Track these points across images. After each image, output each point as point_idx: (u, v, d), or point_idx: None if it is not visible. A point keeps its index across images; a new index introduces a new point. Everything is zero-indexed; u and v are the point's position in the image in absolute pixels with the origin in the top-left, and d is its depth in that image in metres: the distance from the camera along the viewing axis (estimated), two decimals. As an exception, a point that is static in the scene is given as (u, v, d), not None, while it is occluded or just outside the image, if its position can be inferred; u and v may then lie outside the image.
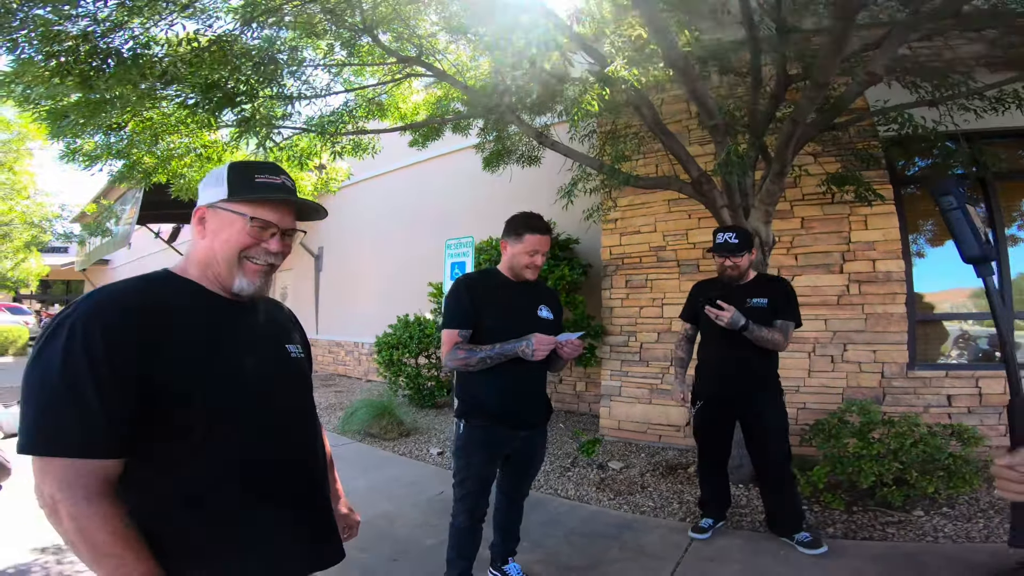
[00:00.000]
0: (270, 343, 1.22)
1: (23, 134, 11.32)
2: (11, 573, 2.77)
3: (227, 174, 1.13)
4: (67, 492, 0.90)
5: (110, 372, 0.93)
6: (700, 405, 3.18)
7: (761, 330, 2.87)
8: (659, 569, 2.79)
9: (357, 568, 2.74)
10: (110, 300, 1.00)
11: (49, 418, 0.92)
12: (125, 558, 0.92)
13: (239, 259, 1.12)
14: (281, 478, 1.15)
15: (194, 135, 4.89)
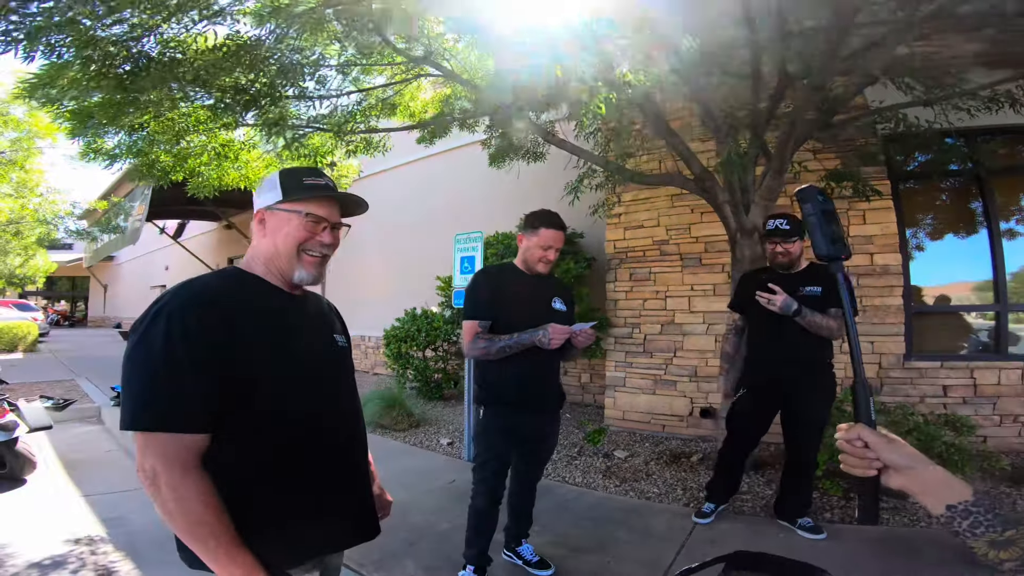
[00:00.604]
0: (322, 332, 1.37)
1: (33, 132, 11.42)
2: (48, 564, 2.86)
3: (280, 179, 1.27)
4: (167, 465, 1.02)
5: (203, 355, 1.06)
6: (743, 393, 3.14)
7: (815, 315, 2.81)
8: (664, 550, 2.91)
9: (377, 552, 2.86)
10: (200, 293, 1.14)
11: (151, 397, 1.05)
12: (215, 526, 1.04)
13: (298, 252, 1.25)
14: (332, 454, 1.29)
15: (212, 135, 5.03)
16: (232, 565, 1.05)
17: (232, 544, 1.05)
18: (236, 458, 1.12)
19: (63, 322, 30.37)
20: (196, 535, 1.04)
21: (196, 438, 1.06)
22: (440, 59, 4.86)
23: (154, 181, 5.37)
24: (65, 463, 4.70)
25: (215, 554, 1.05)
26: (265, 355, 1.16)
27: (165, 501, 1.03)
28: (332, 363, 1.36)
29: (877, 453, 0.84)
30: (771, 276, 3.05)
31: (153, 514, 3.05)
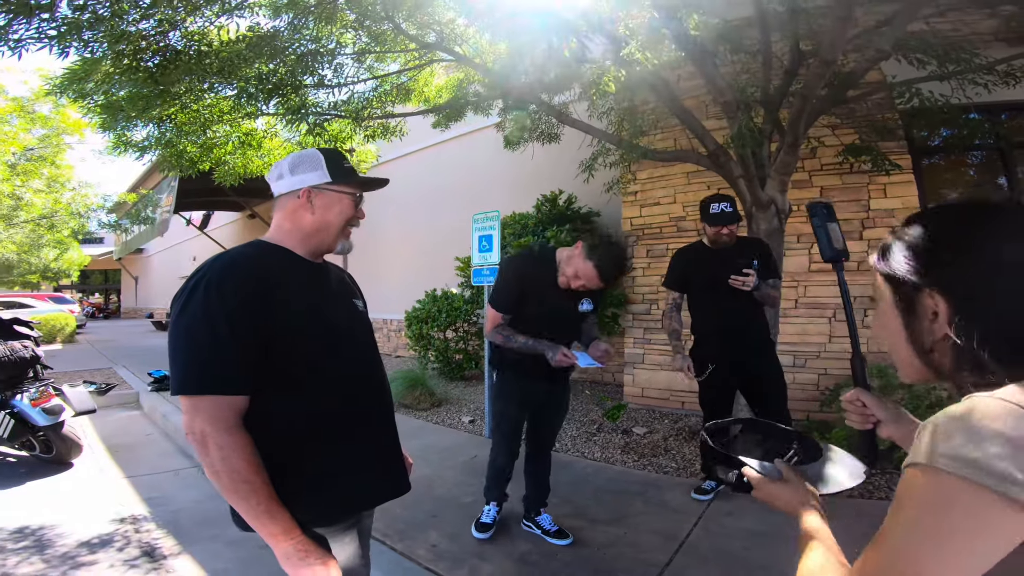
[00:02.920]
0: (344, 298, 1.48)
1: (60, 128, 11.71)
2: (96, 542, 3.02)
3: (325, 162, 1.38)
4: (214, 425, 1.13)
5: (241, 321, 1.16)
6: (712, 368, 3.19)
7: (766, 288, 3.01)
8: (682, 521, 2.99)
9: (401, 523, 3.00)
10: (236, 263, 1.25)
11: (197, 363, 1.15)
12: (256, 484, 1.14)
13: (345, 227, 1.42)
14: (363, 412, 1.40)
15: (235, 124, 5.20)
16: (272, 523, 1.15)
17: (271, 502, 1.16)
18: (272, 419, 1.22)
19: (98, 314, 31.30)
20: (239, 492, 1.14)
21: (238, 399, 1.16)
22: (452, 44, 4.90)
23: (182, 171, 5.54)
24: (108, 446, 4.92)
25: (256, 511, 1.15)
26: (297, 319, 1.26)
27: (212, 460, 1.13)
28: (354, 326, 1.47)
29: (872, 410, 1.08)
30: (705, 252, 3.23)
31: (193, 493, 3.27)
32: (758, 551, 2.64)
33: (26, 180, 12.14)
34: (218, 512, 3.39)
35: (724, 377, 3.21)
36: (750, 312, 3.14)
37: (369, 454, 1.40)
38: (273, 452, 1.20)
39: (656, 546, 2.73)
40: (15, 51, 2.76)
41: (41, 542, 2.97)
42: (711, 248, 3.20)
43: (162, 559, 2.85)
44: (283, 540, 1.17)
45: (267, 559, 1.47)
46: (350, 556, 1.37)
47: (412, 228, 10.28)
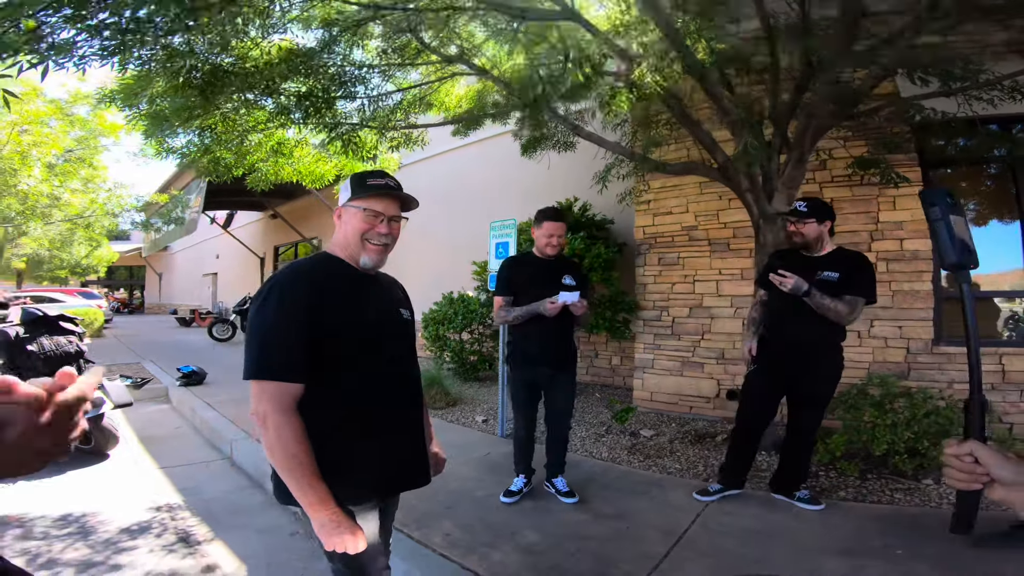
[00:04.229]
0: (390, 306, 1.70)
1: (96, 131, 12.12)
2: (135, 529, 3.23)
3: (351, 182, 1.60)
4: (275, 408, 1.36)
5: (304, 319, 1.40)
6: (755, 368, 3.25)
7: (824, 299, 2.89)
8: (681, 518, 3.14)
9: (418, 513, 3.19)
10: (301, 271, 1.50)
11: (267, 353, 1.39)
12: (303, 460, 1.37)
13: (361, 241, 1.56)
14: (396, 409, 1.63)
15: (269, 133, 5.53)
16: (312, 493, 1.38)
17: (314, 476, 1.38)
18: (318, 407, 1.44)
19: (123, 309, 32.01)
20: (289, 467, 1.37)
21: (295, 387, 1.40)
22: (471, 56, 5.11)
23: (218, 176, 5.89)
24: (141, 438, 5.17)
25: (300, 483, 1.37)
26: (345, 320, 1.49)
27: (270, 438, 1.36)
28: (397, 332, 1.69)
29: (988, 468, 0.85)
30: (794, 257, 3.14)
31: (223, 485, 3.59)
32: (753, 548, 2.79)
33: (64, 181, 12.57)
34: (247, 502, 3.64)
35: (768, 383, 3.23)
36: (817, 327, 3.01)
37: (397, 447, 1.63)
38: (317, 436, 1.42)
39: (655, 540, 2.88)
40: (79, 66, 2.98)
41: (84, 529, 3.15)
42: (801, 254, 3.15)
43: (197, 544, 3.05)
44: (320, 510, 1.39)
45: (293, 546, 1.70)
46: (372, 533, 1.60)
47: (431, 231, 10.47)
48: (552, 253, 3.24)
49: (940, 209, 1.04)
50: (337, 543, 1.41)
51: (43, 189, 12.04)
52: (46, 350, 4.41)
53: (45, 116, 11.13)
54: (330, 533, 1.40)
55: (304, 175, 6.72)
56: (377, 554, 1.63)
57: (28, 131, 10.75)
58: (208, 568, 2.80)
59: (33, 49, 2.79)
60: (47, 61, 2.85)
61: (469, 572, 2.58)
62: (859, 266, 3.04)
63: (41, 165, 11.63)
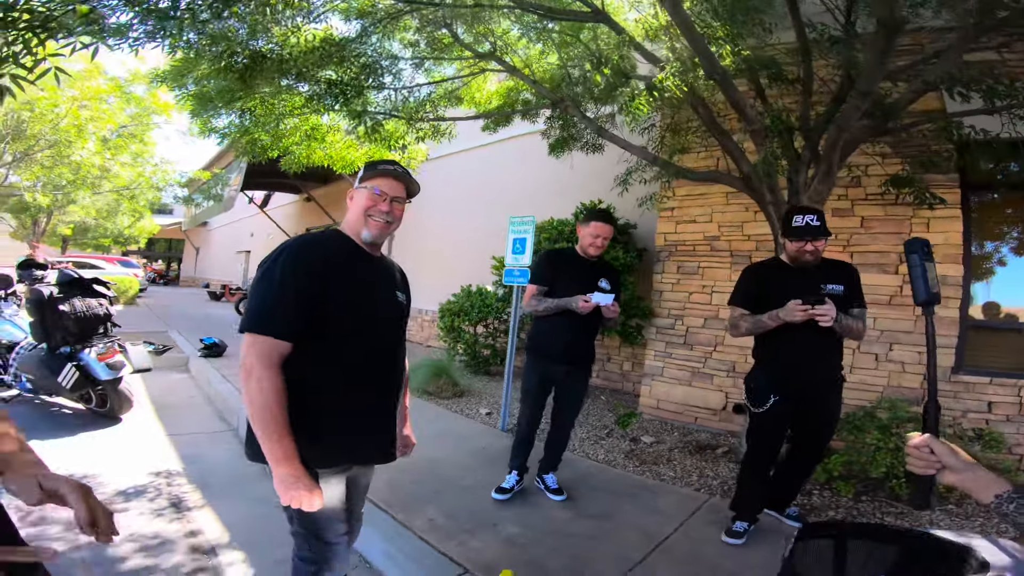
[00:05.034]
0: (386, 287, 1.79)
1: (150, 109, 12.64)
2: (131, 492, 3.32)
3: (363, 167, 1.75)
4: (260, 361, 1.46)
5: (304, 285, 1.51)
6: (776, 400, 2.86)
7: (848, 320, 2.70)
8: (666, 524, 3.13)
9: (405, 496, 3.26)
10: (309, 241, 1.63)
11: (264, 310, 1.50)
12: (277, 415, 1.45)
13: (364, 216, 1.68)
14: (375, 386, 1.71)
15: (303, 119, 5.81)
16: (279, 447, 1.46)
17: (284, 432, 1.46)
18: (303, 370, 1.53)
19: (159, 280, 33.00)
20: (263, 419, 1.45)
21: (284, 345, 1.50)
22: (504, 54, 5.15)
23: (254, 156, 6.16)
24: (156, 405, 5.33)
25: (270, 437, 1.46)
26: (344, 291, 1.59)
27: (251, 389, 1.45)
28: (391, 312, 1.79)
29: (940, 458, 1.09)
30: (789, 270, 2.88)
31: (224, 455, 3.74)
32: (731, 559, 2.77)
33: (115, 154, 13.13)
34: (243, 474, 3.73)
35: (786, 412, 2.91)
36: (828, 344, 2.81)
37: (370, 422, 1.72)
38: (296, 397, 1.51)
39: (635, 543, 2.88)
40: (133, 47, 3.23)
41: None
42: (790, 267, 2.89)
43: (186, 511, 3.15)
44: (284, 464, 1.47)
45: (278, 517, 1.76)
46: (334, 497, 1.67)
47: (453, 225, 10.58)
48: (594, 253, 3.24)
49: (918, 256, 1.28)
50: (293, 498, 1.48)
51: (95, 161, 12.60)
52: (77, 311, 4.59)
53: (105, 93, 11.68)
54: (288, 487, 1.48)
55: (335, 160, 6.94)
56: (336, 520, 1.69)
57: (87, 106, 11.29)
58: (191, 533, 2.89)
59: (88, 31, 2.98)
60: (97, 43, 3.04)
61: (444, 557, 2.63)
62: (855, 274, 2.90)
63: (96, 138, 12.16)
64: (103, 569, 2.44)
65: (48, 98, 10.46)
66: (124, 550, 2.62)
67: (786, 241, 2.86)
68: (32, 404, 4.90)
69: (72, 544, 2.56)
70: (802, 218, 2.78)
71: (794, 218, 2.81)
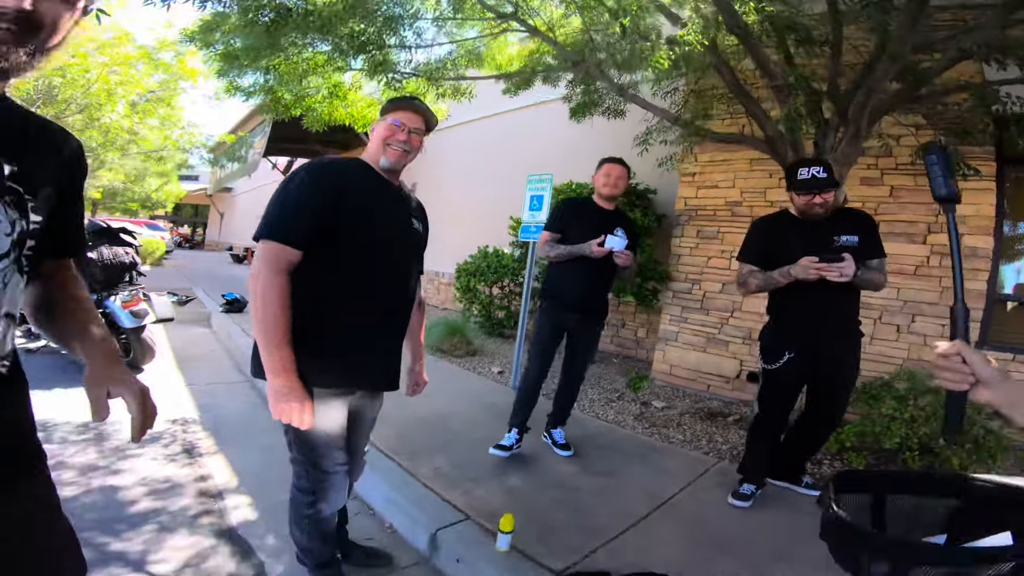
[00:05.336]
0: (402, 213, 1.83)
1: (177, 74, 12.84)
2: (147, 438, 3.46)
3: (385, 103, 1.84)
4: (267, 266, 1.51)
5: (317, 199, 1.58)
6: (790, 357, 2.77)
7: (867, 272, 2.59)
8: (671, 484, 3.11)
9: (414, 446, 3.31)
10: (328, 164, 1.71)
11: (277, 220, 1.57)
12: (279, 321, 1.50)
13: (383, 145, 1.75)
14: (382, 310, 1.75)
15: (327, 77, 5.83)
16: (277, 356, 1.49)
17: (283, 341, 1.50)
18: (313, 285, 1.59)
19: (184, 244, 33.63)
20: (265, 324, 1.50)
21: (293, 252, 1.55)
22: (526, 16, 5.04)
23: (277, 115, 6.26)
24: (177, 357, 5.46)
25: (269, 344, 1.50)
26: (357, 210, 1.64)
27: (256, 293, 1.51)
28: (406, 237, 1.83)
29: (973, 368, 0.91)
30: (801, 225, 2.75)
31: (240, 405, 3.96)
32: (737, 522, 2.74)
33: (143, 118, 13.38)
34: (257, 422, 3.82)
35: (800, 370, 2.80)
36: (844, 298, 2.69)
37: (379, 347, 1.75)
38: (304, 312, 1.55)
39: (639, 501, 2.87)
40: (165, 3, 3.43)
41: (100, 436, 3.30)
42: (800, 219, 2.77)
43: (198, 456, 3.23)
44: (280, 375, 1.50)
45: (286, 465, 1.81)
46: (332, 421, 1.69)
47: (472, 191, 10.56)
48: (608, 193, 3.21)
49: (936, 156, 1.20)
50: (284, 410, 1.51)
51: (124, 124, 12.84)
52: (105, 259, 4.68)
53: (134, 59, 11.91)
54: (279, 399, 1.51)
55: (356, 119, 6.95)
56: (334, 447, 1.72)
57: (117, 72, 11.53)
58: (201, 478, 2.96)
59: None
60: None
61: (448, 504, 2.65)
62: (873, 226, 2.74)
63: (125, 103, 12.38)
64: (112, 511, 2.50)
65: (79, 64, 10.67)
66: (134, 494, 2.68)
67: (793, 195, 2.75)
68: (58, 355, 4.99)
69: (84, 488, 2.64)
70: (807, 170, 2.66)
71: (799, 171, 2.69)
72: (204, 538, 2.37)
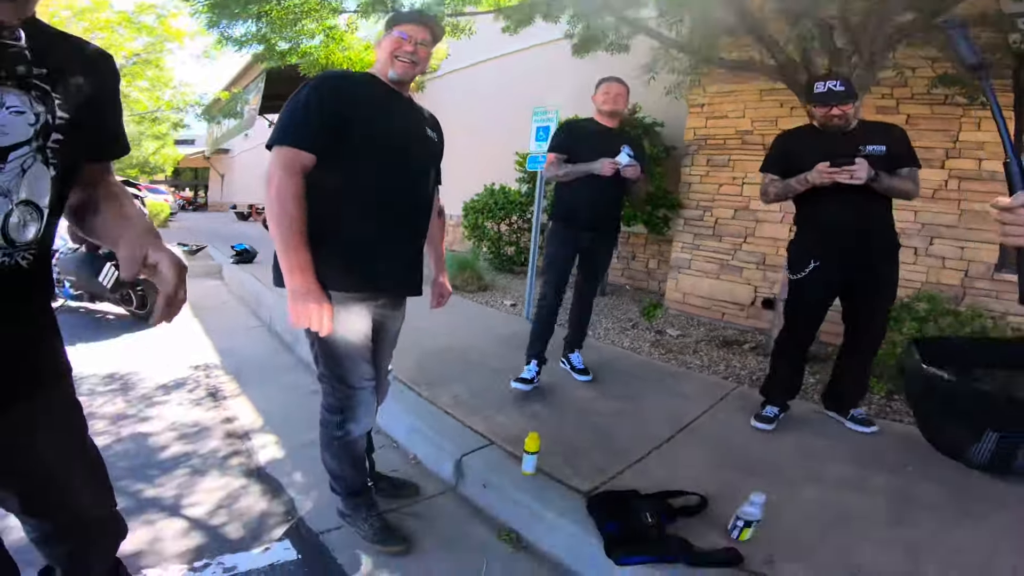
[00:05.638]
0: (415, 123, 1.83)
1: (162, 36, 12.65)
2: (171, 385, 3.46)
3: (388, 19, 1.83)
4: (281, 168, 1.52)
5: (325, 105, 1.58)
6: (815, 266, 2.73)
7: (892, 179, 2.52)
8: (690, 408, 3.11)
9: (432, 375, 3.34)
10: (337, 74, 1.76)
11: (287, 126, 1.58)
12: (295, 221, 1.51)
13: (391, 58, 1.74)
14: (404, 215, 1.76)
15: (321, 20, 5.66)
16: (295, 256, 1.50)
17: (300, 241, 1.51)
18: (331, 191, 1.59)
19: (188, 207, 33.36)
20: (281, 224, 1.50)
21: (305, 155, 1.55)
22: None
23: (273, 63, 6.09)
24: (193, 307, 5.47)
25: (286, 244, 1.50)
26: (368, 116, 1.64)
27: (271, 197, 1.51)
28: (420, 146, 1.83)
29: None
30: (821, 135, 2.70)
31: (259, 349, 4.13)
32: (760, 444, 2.73)
33: (132, 81, 13.20)
34: (276, 363, 3.90)
35: (827, 280, 2.75)
36: (871, 206, 2.61)
37: (397, 250, 1.76)
38: (324, 214, 1.56)
39: (661, 424, 2.87)
40: None
41: (126, 385, 3.38)
42: (823, 132, 2.71)
43: (223, 399, 3.30)
44: (297, 275, 1.50)
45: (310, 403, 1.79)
46: (355, 327, 1.71)
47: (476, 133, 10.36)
48: (608, 109, 3.10)
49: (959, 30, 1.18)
50: (302, 312, 1.51)
51: None
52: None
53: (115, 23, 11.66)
54: (296, 300, 1.51)
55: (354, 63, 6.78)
56: (360, 359, 1.72)
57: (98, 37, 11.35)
58: (227, 420, 3.02)
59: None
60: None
61: (469, 430, 2.68)
62: (901, 135, 2.67)
63: None
64: (144, 457, 2.55)
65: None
66: (164, 439, 2.74)
67: (811, 110, 2.75)
68: (77, 313, 5.07)
69: (115, 437, 2.70)
70: (823, 84, 2.63)
71: (815, 84, 2.67)
72: (234, 479, 2.42)
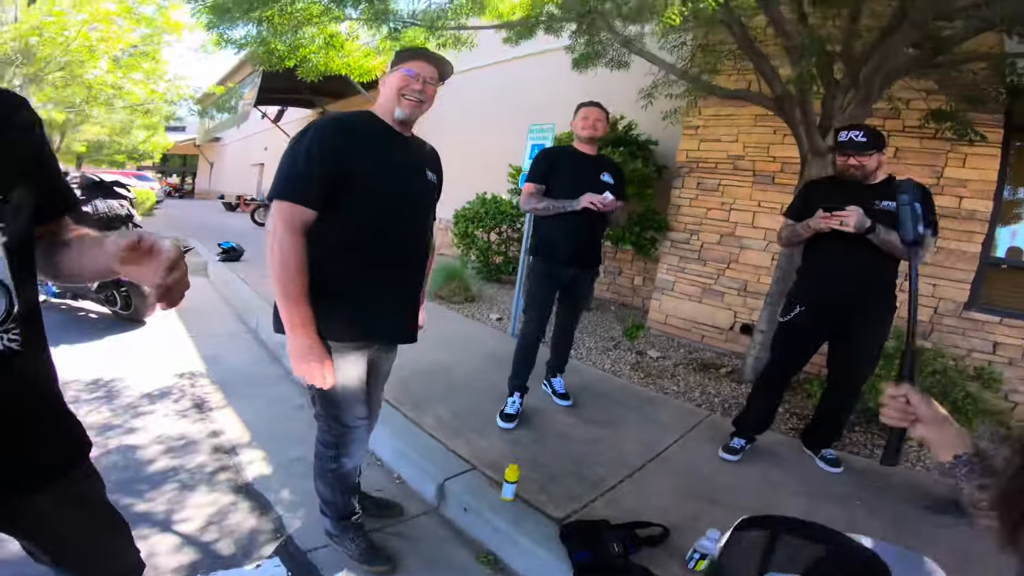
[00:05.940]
0: (415, 166, 1.83)
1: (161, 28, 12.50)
2: (156, 394, 3.40)
3: (396, 54, 1.81)
4: (283, 225, 1.54)
5: (327, 157, 1.57)
6: (800, 311, 2.84)
7: (890, 234, 2.51)
8: (665, 435, 3.23)
9: (417, 396, 3.38)
10: (336, 118, 1.69)
11: (289, 179, 1.58)
12: (296, 279, 1.53)
13: (398, 96, 1.71)
14: (397, 263, 1.76)
15: (322, 27, 5.66)
16: (296, 312, 1.53)
17: (301, 297, 1.54)
18: (329, 241, 1.60)
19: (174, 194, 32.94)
20: (282, 281, 1.53)
21: (307, 211, 1.57)
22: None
23: (271, 66, 6.03)
24: (177, 308, 5.45)
25: (287, 300, 1.53)
26: (369, 167, 1.64)
27: (273, 251, 1.53)
28: (418, 190, 1.83)
29: (916, 409, 1.02)
30: (841, 186, 2.77)
31: (245, 357, 4.10)
32: (725, 475, 2.86)
33: (127, 72, 13.05)
34: (263, 374, 3.88)
35: (811, 327, 2.85)
36: (870, 260, 2.64)
37: (392, 299, 1.77)
38: (321, 267, 1.58)
39: (635, 451, 2.99)
40: None
41: (111, 393, 3.31)
42: (844, 182, 2.77)
43: (208, 411, 3.26)
44: (299, 331, 1.54)
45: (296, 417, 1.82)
46: (352, 375, 1.74)
47: (471, 139, 10.41)
48: (587, 135, 3.07)
49: (909, 196, 1.28)
50: (305, 369, 1.56)
51: (107, 79, 12.53)
52: (99, 212, 4.65)
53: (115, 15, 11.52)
54: (299, 356, 1.56)
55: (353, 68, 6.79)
56: (355, 401, 1.77)
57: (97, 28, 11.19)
58: (213, 433, 3.00)
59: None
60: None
61: (452, 454, 2.74)
62: (925, 195, 2.61)
63: (108, 58, 12.05)
64: (133, 471, 2.53)
65: (56, 22, 10.30)
66: (152, 452, 2.71)
67: (835, 156, 2.89)
68: (59, 310, 5.00)
69: (103, 449, 2.67)
70: (847, 133, 2.73)
71: (840, 133, 2.78)
72: (223, 495, 2.44)
